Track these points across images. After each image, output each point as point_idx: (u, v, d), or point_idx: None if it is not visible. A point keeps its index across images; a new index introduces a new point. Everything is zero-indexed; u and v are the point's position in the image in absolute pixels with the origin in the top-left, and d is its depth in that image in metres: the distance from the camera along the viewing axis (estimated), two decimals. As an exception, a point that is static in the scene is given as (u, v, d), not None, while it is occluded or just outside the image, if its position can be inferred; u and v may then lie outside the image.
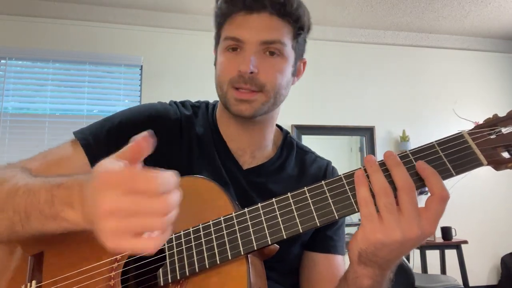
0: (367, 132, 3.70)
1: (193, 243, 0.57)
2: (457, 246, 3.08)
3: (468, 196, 3.65)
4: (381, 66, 3.84)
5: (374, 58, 3.84)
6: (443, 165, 0.53)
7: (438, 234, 3.15)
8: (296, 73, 0.78)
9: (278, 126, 0.86)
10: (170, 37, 3.39)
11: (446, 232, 3.12)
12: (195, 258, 0.55)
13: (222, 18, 0.72)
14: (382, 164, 0.52)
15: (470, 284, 3.10)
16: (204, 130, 0.78)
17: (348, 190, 0.53)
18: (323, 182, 0.54)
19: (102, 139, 0.70)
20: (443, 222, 2.95)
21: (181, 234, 0.58)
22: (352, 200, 0.52)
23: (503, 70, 4.11)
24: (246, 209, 0.57)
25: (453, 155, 0.53)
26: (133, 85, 3.32)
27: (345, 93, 3.71)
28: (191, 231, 0.58)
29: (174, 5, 3.32)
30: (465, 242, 3.10)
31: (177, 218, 0.39)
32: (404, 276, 2.09)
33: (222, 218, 0.57)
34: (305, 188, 0.55)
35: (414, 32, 3.94)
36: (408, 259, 3.15)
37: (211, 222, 0.57)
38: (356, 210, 0.52)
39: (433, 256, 3.30)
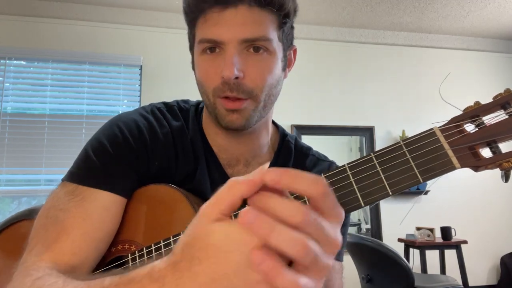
0: (367, 132, 3.70)
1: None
2: (457, 246, 3.08)
3: (467, 196, 3.66)
4: (381, 66, 3.84)
5: (374, 58, 3.84)
6: (409, 170, 0.44)
7: (438, 234, 3.15)
8: (287, 65, 0.69)
9: (274, 123, 0.78)
10: (170, 37, 3.38)
11: (446, 232, 3.12)
12: None
13: (192, 15, 0.62)
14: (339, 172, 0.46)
15: (470, 284, 3.10)
16: (195, 140, 0.69)
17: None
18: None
19: (101, 170, 0.61)
20: (443, 222, 2.96)
21: (152, 249, 0.57)
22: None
23: (502, 70, 4.11)
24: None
25: (422, 158, 0.44)
26: (133, 85, 3.32)
27: (345, 93, 3.71)
28: (162, 245, 0.56)
29: (174, 5, 3.31)
30: (465, 242, 3.10)
31: (144, 230, 0.37)
32: (404, 276, 2.09)
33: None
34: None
35: (414, 32, 3.94)
36: (408, 259, 3.15)
37: (171, 240, 0.56)
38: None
39: (432, 256, 3.30)
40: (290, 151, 0.75)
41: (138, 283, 0.35)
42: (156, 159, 0.65)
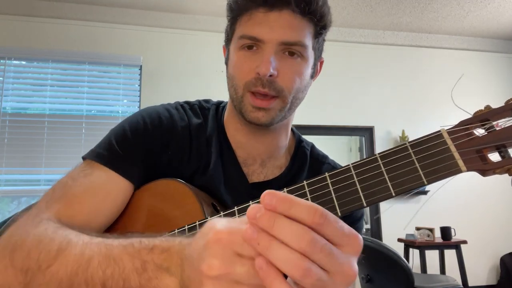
0: (367, 132, 3.70)
1: None
2: (457, 246, 3.08)
3: (467, 195, 3.66)
4: (381, 66, 3.84)
5: (374, 58, 3.84)
6: (414, 172, 0.44)
7: (438, 234, 3.15)
8: (314, 74, 0.73)
9: (291, 129, 0.80)
10: (169, 37, 3.38)
11: (446, 232, 3.12)
12: None
13: (237, 12, 0.65)
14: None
15: (470, 284, 3.10)
16: (212, 137, 0.71)
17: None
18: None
19: (118, 153, 0.65)
20: (442, 222, 2.95)
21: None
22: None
23: (502, 70, 4.11)
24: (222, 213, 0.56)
25: (428, 159, 0.44)
26: (132, 85, 3.32)
27: (345, 93, 3.71)
28: (176, 233, 0.58)
29: (174, 5, 3.32)
30: (465, 242, 3.10)
31: (152, 223, 0.39)
32: (404, 276, 2.09)
33: (197, 223, 0.57)
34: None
35: (414, 32, 3.94)
36: (407, 259, 3.15)
37: (186, 227, 0.57)
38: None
39: (432, 256, 3.30)
40: (305, 157, 0.77)
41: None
42: (170, 149, 0.68)
